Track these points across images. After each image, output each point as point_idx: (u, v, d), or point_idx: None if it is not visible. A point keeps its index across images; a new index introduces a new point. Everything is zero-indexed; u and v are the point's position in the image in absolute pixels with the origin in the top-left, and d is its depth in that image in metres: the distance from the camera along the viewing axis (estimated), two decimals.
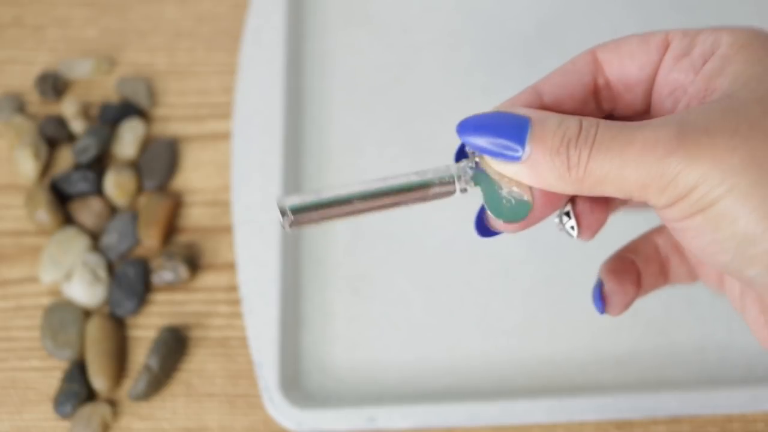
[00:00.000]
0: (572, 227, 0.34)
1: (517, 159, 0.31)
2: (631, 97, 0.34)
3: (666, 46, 0.33)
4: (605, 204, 0.34)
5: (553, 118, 0.31)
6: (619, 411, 0.48)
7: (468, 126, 0.32)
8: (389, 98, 0.57)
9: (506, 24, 0.58)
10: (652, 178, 0.29)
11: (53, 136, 0.57)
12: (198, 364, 0.53)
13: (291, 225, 0.31)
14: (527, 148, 0.31)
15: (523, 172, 0.31)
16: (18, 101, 0.59)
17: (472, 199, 0.33)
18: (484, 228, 0.34)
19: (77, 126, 0.58)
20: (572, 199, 0.34)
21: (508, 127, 0.31)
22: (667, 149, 0.29)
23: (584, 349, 0.51)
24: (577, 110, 0.34)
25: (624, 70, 0.34)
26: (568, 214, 0.34)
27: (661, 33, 0.34)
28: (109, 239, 0.55)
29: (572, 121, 0.31)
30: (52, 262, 0.54)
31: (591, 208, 0.34)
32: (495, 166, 0.32)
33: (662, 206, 0.30)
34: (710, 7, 0.58)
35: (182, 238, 0.56)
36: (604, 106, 0.35)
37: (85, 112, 0.58)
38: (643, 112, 0.35)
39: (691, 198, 0.29)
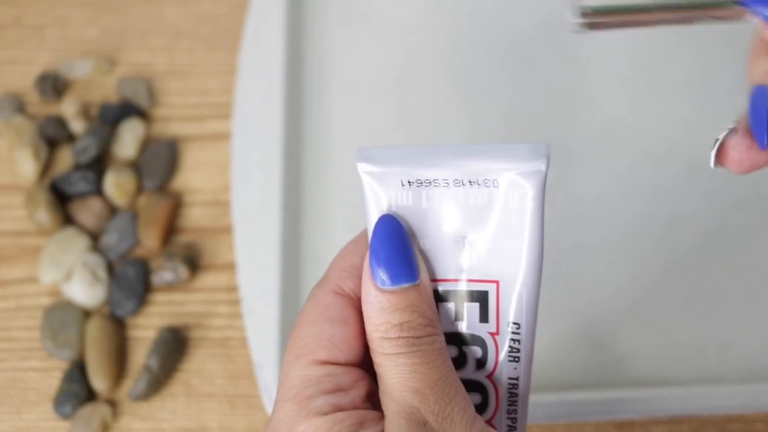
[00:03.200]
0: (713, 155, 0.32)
1: None
2: None
3: None
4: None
5: None
6: (619, 411, 0.48)
7: None
8: (389, 98, 0.57)
9: (506, 24, 0.58)
10: None
11: (53, 136, 0.57)
12: (198, 364, 0.53)
13: (585, 25, 0.30)
14: None
15: None
16: (18, 101, 0.59)
17: None
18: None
19: (77, 126, 0.58)
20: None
21: None
22: None
23: (584, 349, 0.51)
24: None
25: None
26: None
27: None
28: (109, 239, 0.55)
29: None
30: (52, 263, 0.54)
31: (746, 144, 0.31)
32: None
33: None
34: None
35: (182, 238, 0.56)
36: None
37: (85, 112, 0.58)
38: None
39: None
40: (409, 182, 0.31)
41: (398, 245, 0.30)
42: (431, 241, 0.31)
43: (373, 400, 0.31)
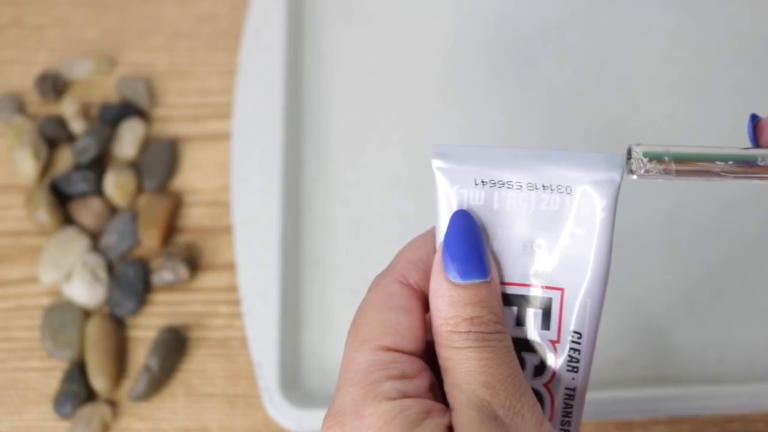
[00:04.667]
0: None
1: None
2: None
3: None
4: None
5: None
6: (619, 411, 0.48)
7: None
8: (389, 98, 0.57)
9: (506, 24, 0.58)
10: None
11: (53, 136, 0.57)
12: (198, 364, 0.53)
13: (639, 173, 0.30)
14: None
15: None
16: (18, 101, 0.59)
17: None
18: None
19: (77, 126, 0.58)
20: None
21: None
22: None
23: None
24: None
25: None
26: None
27: None
28: (109, 239, 0.55)
29: None
30: (52, 263, 0.54)
31: None
32: None
33: None
34: (711, 7, 0.58)
35: (182, 238, 0.56)
36: None
37: (85, 112, 0.58)
38: None
39: None
40: (482, 182, 0.31)
41: (472, 241, 0.31)
42: (499, 243, 0.31)
43: (434, 392, 0.31)
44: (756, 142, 0.32)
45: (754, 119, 0.32)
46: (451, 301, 0.30)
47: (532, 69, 0.57)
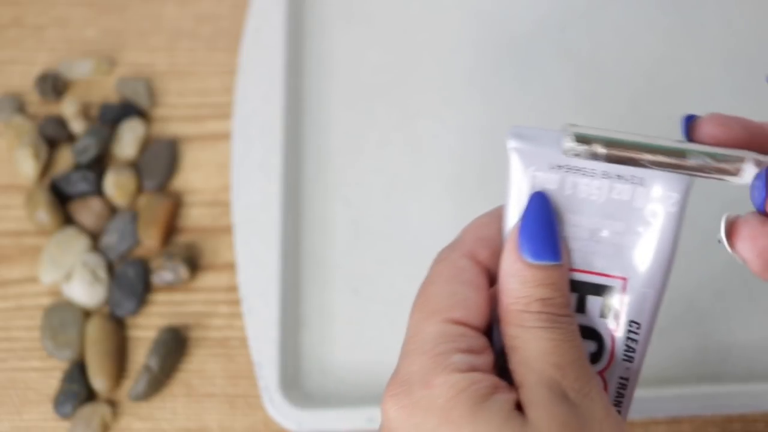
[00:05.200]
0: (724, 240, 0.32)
1: None
2: None
3: None
4: None
5: None
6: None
7: None
8: (389, 98, 0.57)
9: (507, 24, 0.58)
10: None
11: (53, 136, 0.57)
12: (198, 364, 0.53)
13: (568, 154, 0.30)
14: None
15: None
16: (18, 101, 0.59)
17: (472, 198, 0.33)
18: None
19: (77, 126, 0.58)
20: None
21: None
22: None
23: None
24: None
25: None
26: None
27: None
28: (109, 239, 0.55)
29: None
30: (52, 263, 0.54)
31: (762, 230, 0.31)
32: None
33: None
34: (710, 7, 0.58)
35: (182, 238, 0.56)
36: None
37: (85, 112, 0.58)
38: None
39: None
40: (558, 166, 0.31)
41: (548, 223, 0.31)
42: (567, 229, 0.31)
43: (496, 370, 0.31)
44: (689, 137, 0.32)
45: (690, 119, 0.32)
46: (522, 280, 0.30)
47: (532, 68, 0.57)
